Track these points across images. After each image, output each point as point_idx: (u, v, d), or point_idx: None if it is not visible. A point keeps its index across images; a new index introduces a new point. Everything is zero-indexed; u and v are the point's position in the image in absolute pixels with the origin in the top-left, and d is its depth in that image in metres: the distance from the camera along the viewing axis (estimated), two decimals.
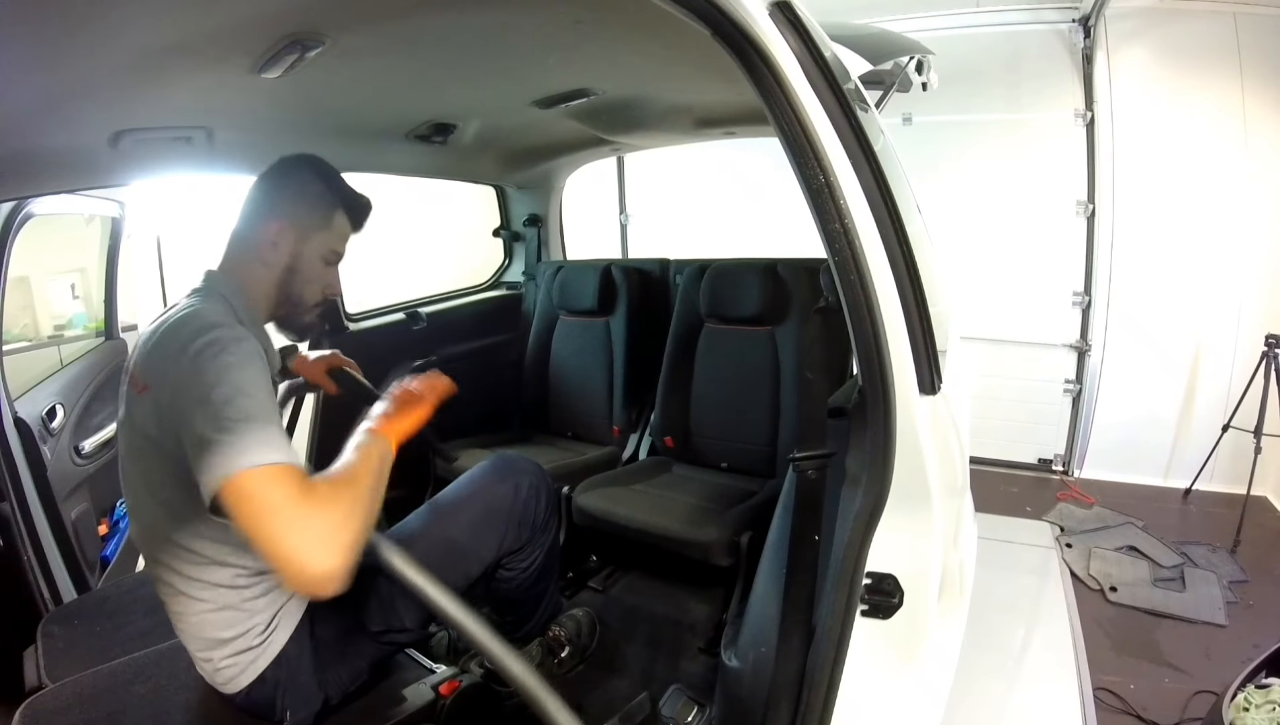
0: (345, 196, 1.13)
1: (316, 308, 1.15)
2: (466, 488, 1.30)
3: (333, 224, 1.12)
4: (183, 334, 0.87)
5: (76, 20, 0.79)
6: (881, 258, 0.83)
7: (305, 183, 1.10)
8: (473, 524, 1.25)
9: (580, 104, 1.69)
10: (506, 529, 1.27)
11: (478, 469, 1.34)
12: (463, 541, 1.23)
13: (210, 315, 0.92)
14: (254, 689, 1.01)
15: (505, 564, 1.32)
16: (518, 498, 1.29)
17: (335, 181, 1.13)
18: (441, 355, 2.32)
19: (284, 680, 1.02)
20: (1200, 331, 3.06)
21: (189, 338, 0.86)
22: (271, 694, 1.02)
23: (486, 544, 1.26)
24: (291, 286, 1.10)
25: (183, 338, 0.86)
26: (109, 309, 2.33)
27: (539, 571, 1.37)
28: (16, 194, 1.50)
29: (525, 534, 1.31)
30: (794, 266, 2.00)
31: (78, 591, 1.66)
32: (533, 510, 1.31)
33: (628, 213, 4.17)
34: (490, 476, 1.31)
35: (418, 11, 1.04)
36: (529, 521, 1.31)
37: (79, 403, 1.98)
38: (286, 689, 1.02)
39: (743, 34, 0.77)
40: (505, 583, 1.35)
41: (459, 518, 1.25)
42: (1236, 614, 2.17)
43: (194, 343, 0.84)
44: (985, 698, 1.73)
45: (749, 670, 1.09)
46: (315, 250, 1.10)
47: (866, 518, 0.86)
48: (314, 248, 1.10)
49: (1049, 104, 3.15)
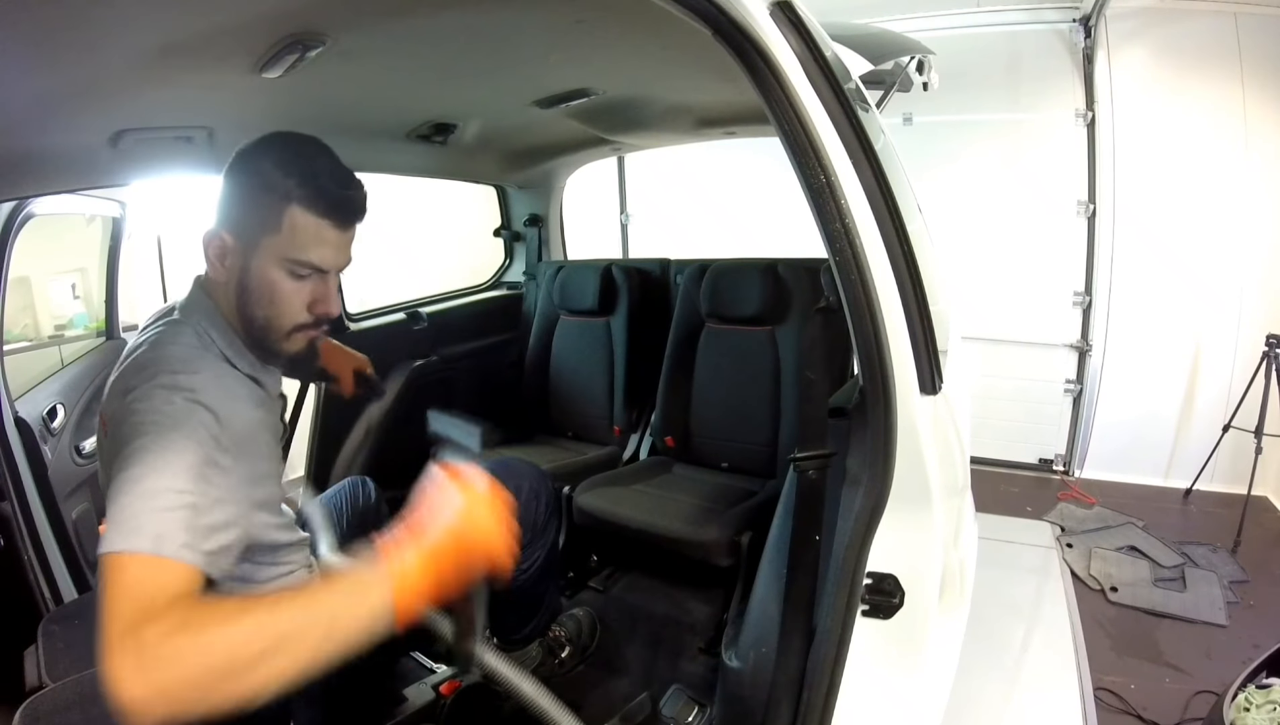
0: (305, 177, 0.84)
1: (297, 334, 0.91)
2: None
3: (284, 224, 0.84)
4: (133, 377, 0.78)
5: (77, 20, 0.79)
6: (882, 257, 0.83)
7: (253, 174, 0.85)
8: None
9: (581, 104, 1.69)
10: None
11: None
12: None
13: (167, 357, 0.80)
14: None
15: None
16: (518, 501, 1.29)
17: (294, 160, 0.85)
18: (442, 355, 2.32)
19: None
20: (1201, 331, 3.06)
21: (135, 382, 0.76)
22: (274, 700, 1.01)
23: None
24: (248, 309, 0.88)
25: (129, 381, 0.77)
26: (110, 309, 2.33)
27: (539, 573, 1.37)
28: (17, 194, 1.50)
29: (526, 536, 1.31)
30: (794, 266, 2.00)
31: (78, 591, 1.65)
32: (533, 512, 1.31)
33: (628, 213, 4.17)
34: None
35: (418, 11, 1.04)
36: (529, 524, 1.31)
37: (80, 402, 1.98)
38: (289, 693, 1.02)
39: (743, 34, 0.77)
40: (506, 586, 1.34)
41: None
42: (1237, 614, 2.17)
43: (135, 391, 0.75)
44: (985, 698, 1.72)
45: (749, 670, 1.09)
46: (268, 261, 0.86)
47: (867, 518, 0.86)
48: (266, 258, 0.86)
49: (1049, 104, 3.15)
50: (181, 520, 0.66)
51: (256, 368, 0.93)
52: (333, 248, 0.89)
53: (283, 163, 0.85)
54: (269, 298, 0.87)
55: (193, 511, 0.67)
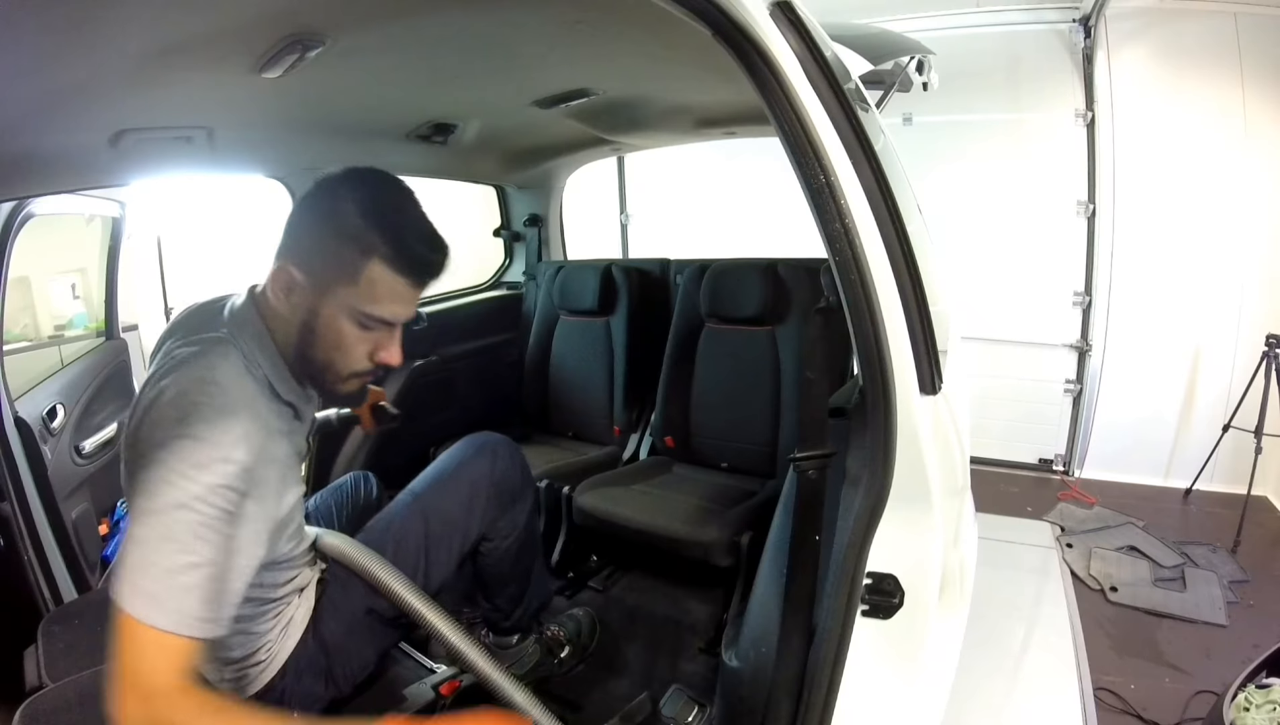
0: (392, 235, 0.82)
1: (354, 379, 0.90)
2: (447, 467, 1.30)
3: (362, 277, 0.82)
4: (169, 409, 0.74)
5: (77, 20, 0.79)
6: (882, 257, 0.83)
7: (332, 215, 0.82)
8: (458, 499, 1.25)
9: (580, 104, 1.69)
10: (488, 500, 1.28)
11: (453, 450, 1.34)
12: (455, 516, 1.24)
13: (208, 390, 0.76)
14: (259, 696, 1.01)
15: (488, 536, 1.32)
16: (495, 468, 1.30)
17: (383, 212, 0.83)
18: (442, 355, 2.32)
19: (289, 685, 1.02)
20: (1201, 331, 3.06)
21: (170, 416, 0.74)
22: (277, 700, 1.02)
23: (473, 516, 1.26)
24: (310, 349, 0.86)
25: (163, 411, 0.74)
26: (109, 309, 2.33)
27: (520, 542, 1.37)
28: (17, 194, 1.50)
29: (505, 501, 1.32)
30: (794, 266, 1.99)
31: (78, 591, 1.65)
32: (507, 478, 1.32)
33: (628, 213, 4.17)
34: (466, 453, 1.32)
35: (418, 11, 1.04)
36: (507, 489, 1.32)
37: (80, 403, 1.98)
38: (292, 692, 1.02)
39: (743, 34, 0.77)
40: (489, 557, 1.35)
41: (444, 495, 1.25)
42: (1237, 614, 2.17)
43: (168, 434, 0.72)
44: (985, 698, 1.73)
45: (749, 670, 1.09)
46: (339, 310, 0.84)
47: (867, 518, 0.86)
48: (337, 307, 0.83)
49: (1049, 104, 3.14)
50: (201, 595, 0.70)
51: (297, 395, 0.92)
52: (406, 304, 0.87)
53: (368, 213, 0.82)
54: (334, 344, 0.86)
55: (213, 581, 0.72)
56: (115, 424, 2.11)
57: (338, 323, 0.85)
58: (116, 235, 2.25)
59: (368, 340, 0.87)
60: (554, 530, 1.97)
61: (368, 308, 0.84)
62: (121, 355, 2.33)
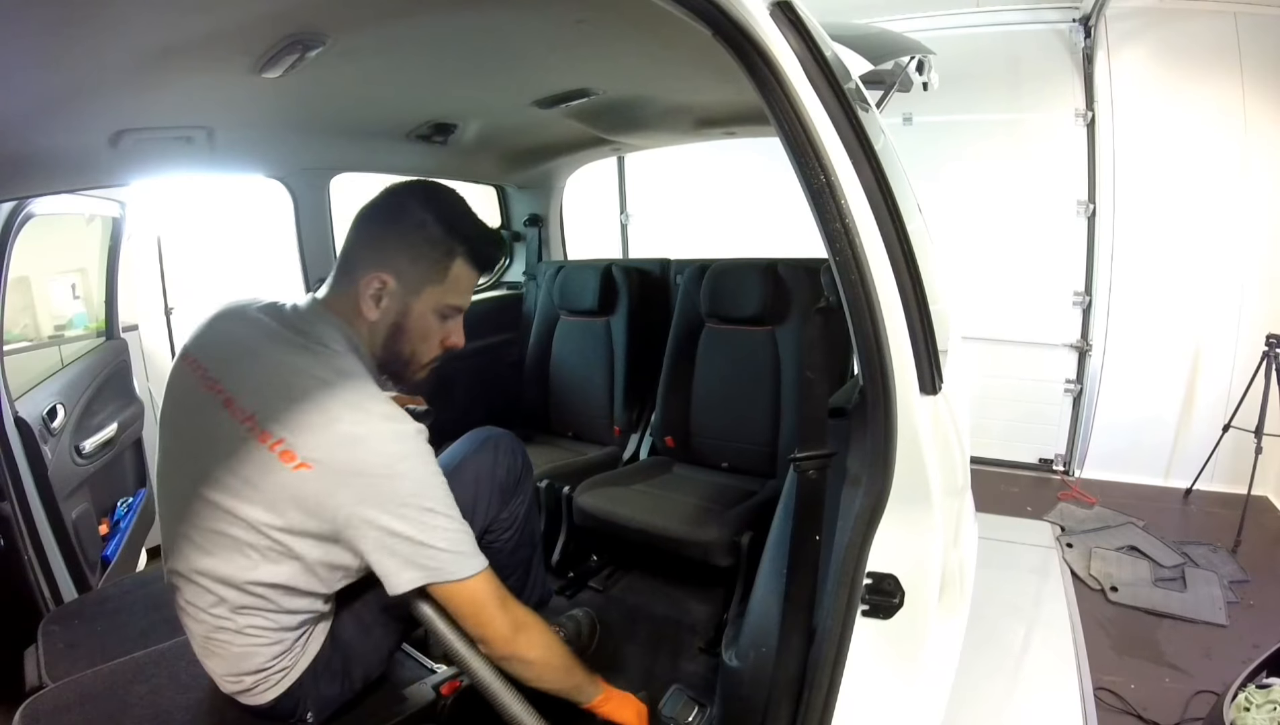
0: (468, 239, 0.98)
1: (430, 365, 1.04)
2: (451, 463, 1.30)
3: (449, 275, 0.98)
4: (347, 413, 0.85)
5: (77, 20, 0.79)
6: (882, 257, 0.83)
7: (418, 226, 0.96)
8: (463, 496, 1.25)
9: (581, 104, 1.69)
10: (491, 494, 1.30)
11: (456, 445, 1.35)
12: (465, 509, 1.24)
13: (367, 390, 0.89)
14: (276, 702, 1.01)
15: (490, 529, 1.33)
16: (498, 462, 1.32)
17: (458, 221, 0.98)
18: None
19: (309, 688, 1.02)
20: (1201, 331, 3.06)
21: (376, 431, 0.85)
22: (294, 702, 1.02)
23: (477, 511, 1.27)
24: (399, 345, 0.99)
25: (341, 413, 0.84)
26: (110, 309, 2.33)
27: (519, 534, 1.38)
28: (16, 194, 1.50)
29: (507, 495, 1.34)
30: (794, 266, 1.99)
31: (78, 591, 1.66)
32: (510, 472, 1.34)
33: (628, 213, 4.18)
34: (471, 447, 1.34)
35: (418, 11, 1.04)
36: (509, 483, 1.34)
37: (80, 403, 1.97)
38: (310, 696, 1.02)
39: (743, 34, 0.77)
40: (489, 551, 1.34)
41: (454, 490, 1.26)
42: (1237, 614, 2.17)
43: (382, 439, 0.85)
44: (985, 698, 1.73)
45: (749, 670, 1.09)
46: (427, 306, 0.98)
47: (867, 518, 0.86)
48: (426, 304, 0.98)
49: (1049, 104, 3.15)
50: (471, 539, 0.92)
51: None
52: (472, 292, 1.04)
53: (447, 220, 0.97)
54: (422, 336, 1.00)
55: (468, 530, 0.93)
56: (115, 424, 2.11)
57: (426, 317, 0.99)
58: (116, 235, 2.25)
59: (443, 329, 1.02)
60: (554, 530, 1.97)
61: (450, 300, 1.00)
62: (122, 355, 2.33)
